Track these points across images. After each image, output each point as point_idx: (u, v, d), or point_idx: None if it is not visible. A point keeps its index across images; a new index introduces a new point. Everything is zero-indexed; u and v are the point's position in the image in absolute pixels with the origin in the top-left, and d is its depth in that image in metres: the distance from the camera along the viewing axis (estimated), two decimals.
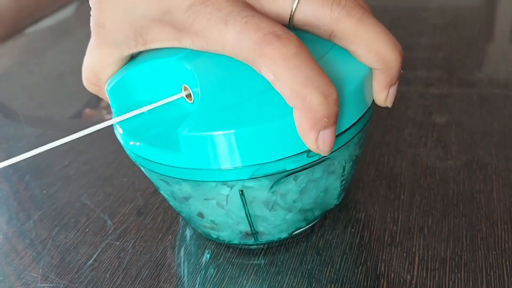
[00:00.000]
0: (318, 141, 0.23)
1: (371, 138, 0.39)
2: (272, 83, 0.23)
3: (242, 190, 0.26)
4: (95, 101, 0.50)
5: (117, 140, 0.30)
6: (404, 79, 0.46)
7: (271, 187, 0.26)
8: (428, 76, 0.47)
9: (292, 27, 0.25)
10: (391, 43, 0.25)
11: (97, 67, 0.29)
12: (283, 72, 0.22)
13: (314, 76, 0.22)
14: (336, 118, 0.23)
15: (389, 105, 0.27)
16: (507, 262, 0.28)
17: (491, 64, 0.48)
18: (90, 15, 0.28)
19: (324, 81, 0.22)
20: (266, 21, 0.23)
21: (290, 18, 0.25)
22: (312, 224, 0.31)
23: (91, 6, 0.27)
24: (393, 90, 0.26)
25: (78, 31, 0.72)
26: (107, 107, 0.49)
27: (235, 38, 0.23)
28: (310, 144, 0.23)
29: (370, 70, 0.26)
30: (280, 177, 0.26)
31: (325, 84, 0.22)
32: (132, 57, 0.30)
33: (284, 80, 0.22)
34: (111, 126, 0.30)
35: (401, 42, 0.26)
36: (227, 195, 0.27)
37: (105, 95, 0.30)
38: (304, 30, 0.26)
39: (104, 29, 0.27)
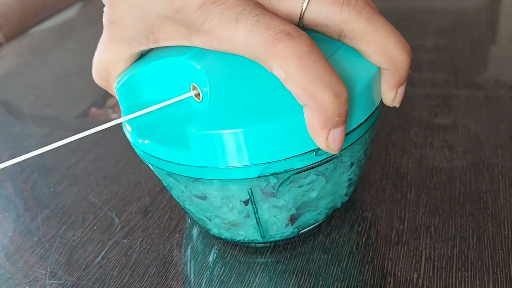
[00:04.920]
0: (328, 140, 0.23)
1: (377, 138, 0.39)
2: (283, 81, 0.23)
3: (251, 188, 0.26)
4: (101, 100, 0.50)
5: (124, 139, 0.30)
6: (410, 80, 0.46)
7: (280, 185, 0.26)
8: (433, 77, 0.47)
9: (302, 27, 0.26)
10: (401, 44, 0.25)
11: (108, 62, 0.29)
12: (294, 70, 0.22)
13: (325, 75, 0.22)
14: (346, 117, 0.23)
15: (397, 105, 0.27)
16: None
17: (497, 66, 0.48)
18: (96, 14, 0.28)
19: (335, 80, 0.22)
20: (277, 19, 0.23)
21: (300, 18, 0.25)
22: (319, 222, 0.31)
23: (104, 2, 0.28)
24: (401, 90, 0.27)
25: (83, 31, 0.72)
26: (113, 106, 0.49)
27: (246, 36, 0.23)
28: (320, 142, 0.23)
29: (379, 69, 0.26)
30: (288, 175, 0.26)
31: (336, 82, 0.22)
32: (142, 55, 0.30)
33: (295, 79, 0.22)
34: (119, 124, 0.30)
35: None
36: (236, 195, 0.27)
37: (114, 90, 0.30)
38: (314, 30, 0.26)
39: (116, 26, 0.27)
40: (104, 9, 0.28)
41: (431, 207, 0.32)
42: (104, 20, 0.28)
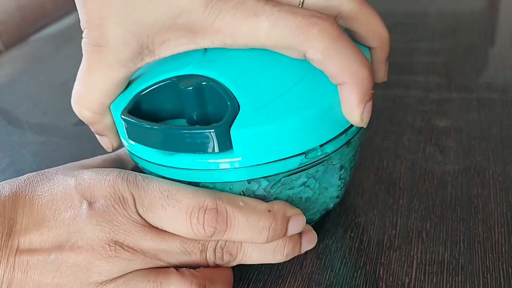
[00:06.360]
0: (363, 113, 0.25)
1: (370, 143, 0.39)
2: (319, 63, 0.24)
3: (243, 191, 0.27)
4: None
5: (120, 146, 0.30)
6: (403, 84, 0.47)
7: (271, 187, 0.27)
8: (427, 81, 0.47)
9: None
10: (383, 23, 0.28)
11: (102, 92, 0.27)
12: (332, 51, 0.24)
13: (358, 53, 0.24)
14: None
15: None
16: (504, 265, 0.28)
17: (490, 70, 0.49)
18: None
19: (364, 56, 0.24)
20: (296, 7, 0.24)
21: (300, 4, 0.26)
22: (312, 223, 0.32)
23: (85, 26, 0.26)
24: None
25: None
26: None
27: (271, 27, 0.24)
28: (356, 117, 0.25)
29: None
30: (279, 178, 0.26)
31: (366, 58, 0.24)
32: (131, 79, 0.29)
33: (334, 59, 0.24)
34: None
35: (401, 47, 0.27)
36: None
37: (106, 122, 0.29)
38: None
39: (105, 48, 0.26)
40: (86, 33, 0.26)
41: (423, 212, 0.32)
42: (86, 45, 0.26)
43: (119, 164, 0.32)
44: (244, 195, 0.27)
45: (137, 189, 0.26)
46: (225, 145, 0.25)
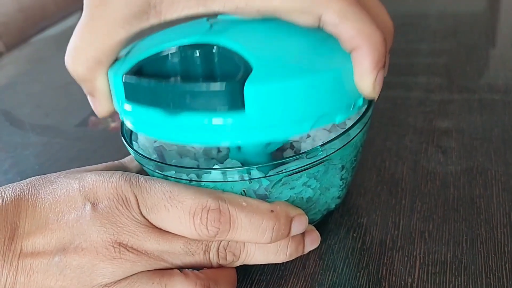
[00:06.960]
0: (376, 81, 0.24)
1: (372, 144, 0.39)
2: (334, 26, 0.24)
3: (244, 190, 0.27)
4: None
5: (123, 148, 0.31)
6: (405, 86, 0.47)
7: (272, 187, 0.27)
8: (428, 83, 0.47)
9: None
10: (388, 14, 0.29)
11: (100, 50, 0.26)
12: (349, 13, 0.24)
13: (371, 18, 0.24)
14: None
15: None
16: (507, 265, 0.28)
17: (491, 70, 0.49)
18: None
19: (376, 23, 0.24)
20: None
21: None
22: (314, 223, 0.32)
23: None
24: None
25: None
26: (112, 115, 0.50)
27: None
28: (368, 85, 0.25)
29: None
30: (280, 177, 0.27)
31: (377, 25, 0.24)
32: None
33: (349, 21, 0.24)
34: (118, 133, 0.30)
35: (402, 48, 0.27)
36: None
37: (98, 81, 0.28)
38: None
39: (111, 3, 0.25)
40: None
41: (425, 212, 0.32)
42: (88, 1, 0.26)
43: (123, 170, 0.32)
44: (245, 194, 0.27)
45: (140, 190, 0.26)
46: (237, 103, 0.24)
